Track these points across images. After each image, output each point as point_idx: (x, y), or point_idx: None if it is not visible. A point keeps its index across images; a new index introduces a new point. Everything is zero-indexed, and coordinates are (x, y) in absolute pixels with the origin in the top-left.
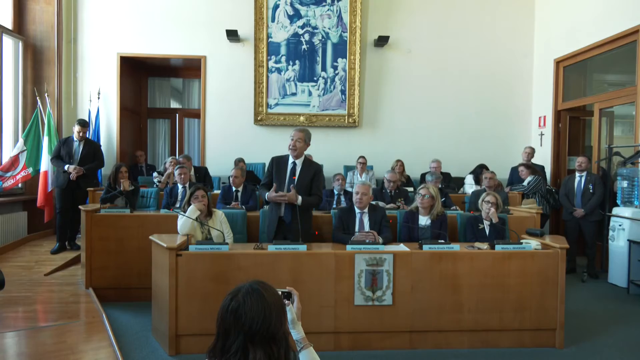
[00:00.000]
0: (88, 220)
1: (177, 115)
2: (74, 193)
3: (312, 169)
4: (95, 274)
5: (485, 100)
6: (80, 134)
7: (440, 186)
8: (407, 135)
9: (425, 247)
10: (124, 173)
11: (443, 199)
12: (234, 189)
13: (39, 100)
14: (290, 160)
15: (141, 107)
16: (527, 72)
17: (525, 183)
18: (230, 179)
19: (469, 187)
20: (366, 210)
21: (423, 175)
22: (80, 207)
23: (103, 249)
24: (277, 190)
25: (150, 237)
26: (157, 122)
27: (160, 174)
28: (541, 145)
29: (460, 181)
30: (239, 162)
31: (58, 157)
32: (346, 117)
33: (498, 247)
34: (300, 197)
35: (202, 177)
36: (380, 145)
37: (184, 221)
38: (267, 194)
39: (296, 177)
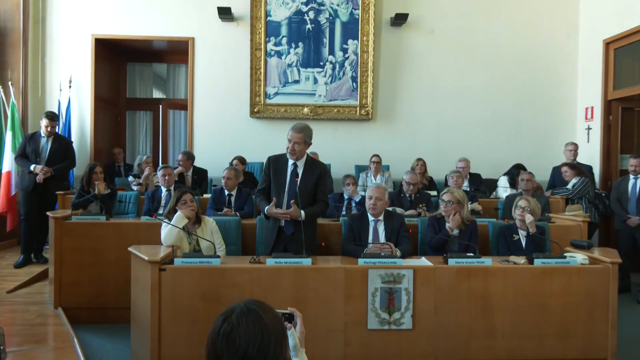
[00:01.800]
0: (57, 228)
1: (161, 106)
2: (41, 197)
3: (316, 170)
4: (66, 291)
5: (522, 88)
6: (49, 129)
7: (469, 188)
8: (429, 129)
9: (451, 261)
10: (98, 174)
11: (471, 202)
12: (226, 192)
13: (1, 90)
14: (290, 161)
15: (119, 98)
16: (571, 56)
17: (569, 186)
18: (223, 180)
19: (503, 190)
20: (381, 217)
21: (448, 177)
22: (48, 213)
23: (75, 262)
24: (277, 204)
25: (130, 249)
26: (138, 114)
27: (136, 176)
28: (588, 142)
29: (492, 184)
30: (236, 160)
31: (23, 156)
32: (358, 108)
33: (537, 262)
34: (303, 212)
35: (199, 181)
36: (397, 142)
37: (169, 230)
38: (266, 208)
39: (298, 180)
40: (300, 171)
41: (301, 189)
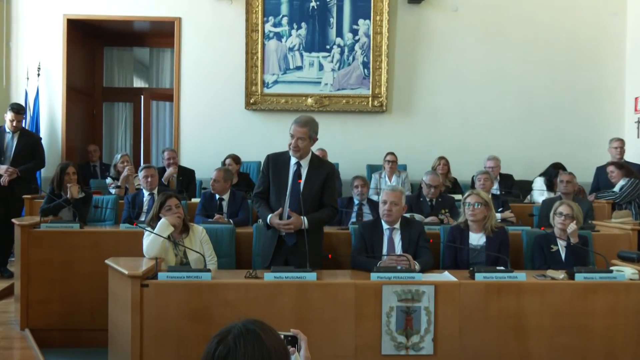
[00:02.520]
0: (24, 237)
1: (143, 97)
2: (6, 202)
3: (323, 171)
4: (34, 310)
5: (560, 76)
6: (14, 124)
7: (499, 191)
8: (453, 123)
9: (479, 276)
10: (71, 175)
11: (501, 209)
12: (217, 196)
13: None
14: (293, 159)
15: (95, 87)
16: (618, 37)
17: (616, 188)
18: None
19: (539, 194)
20: (397, 225)
21: (474, 178)
22: (13, 220)
23: (44, 276)
24: (281, 215)
25: (107, 261)
26: (116, 106)
27: (115, 178)
28: (638, 137)
29: (526, 186)
30: (230, 159)
31: None
32: (370, 99)
33: (579, 277)
34: (306, 220)
35: (186, 183)
36: (416, 138)
37: (152, 240)
38: (269, 217)
39: (302, 181)
40: (304, 172)
41: (305, 192)
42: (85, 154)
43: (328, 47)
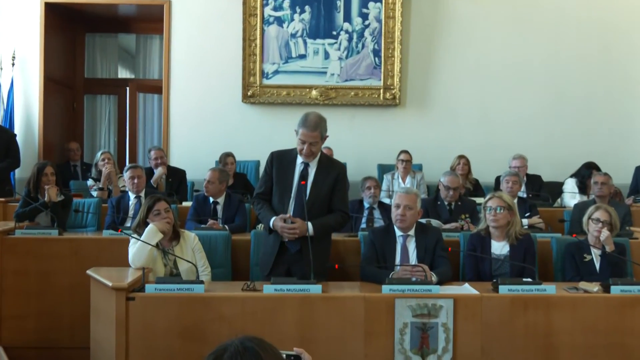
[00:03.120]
0: None
1: (128, 89)
2: None
3: (333, 172)
4: (7, 326)
5: (594, 66)
6: None
7: (526, 194)
8: (474, 118)
9: (503, 289)
10: (49, 176)
11: (528, 214)
12: (211, 200)
13: None
14: (300, 158)
15: (75, 78)
16: None
17: None
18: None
19: (570, 197)
20: (412, 232)
21: (499, 179)
22: None
23: (19, 288)
24: (286, 219)
25: (89, 272)
26: (99, 99)
27: (97, 179)
28: None
29: (556, 189)
30: (225, 159)
31: None
32: (381, 91)
33: (615, 289)
34: (311, 226)
35: (176, 184)
36: (433, 135)
37: (139, 248)
38: (272, 220)
39: (306, 183)
40: (311, 172)
41: (312, 195)
42: (64, 153)
43: (334, 33)
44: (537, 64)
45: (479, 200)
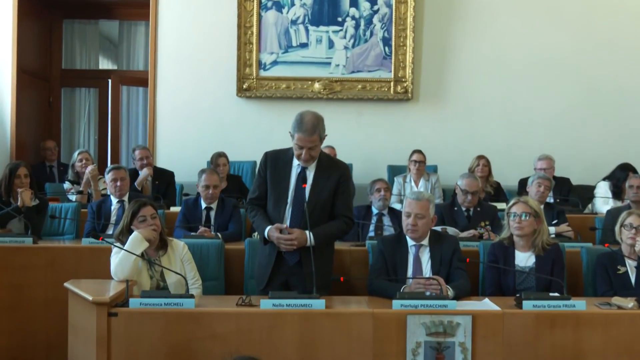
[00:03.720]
0: None
1: (110, 81)
2: None
3: (334, 173)
4: None
5: (627, 58)
6: None
7: (553, 199)
8: (495, 114)
9: (527, 304)
10: (23, 178)
11: (556, 221)
12: (203, 204)
13: None
14: (297, 159)
15: (52, 70)
16: None
17: None
18: (201, 188)
19: (603, 202)
20: (425, 241)
21: (523, 182)
22: None
23: None
24: (278, 222)
25: (66, 285)
26: (78, 93)
27: (74, 182)
28: None
29: (586, 193)
30: (216, 159)
31: None
32: (392, 84)
33: None
34: (311, 235)
35: (164, 187)
36: (449, 132)
37: (122, 258)
38: (267, 229)
39: (307, 186)
40: (310, 174)
41: (312, 200)
42: (39, 152)
43: (340, 19)
44: (565, 55)
45: (500, 205)
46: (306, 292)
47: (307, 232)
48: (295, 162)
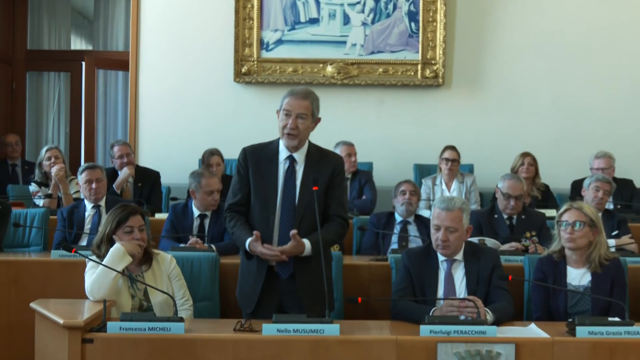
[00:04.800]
0: None
1: (84, 64)
2: None
3: (327, 166)
4: None
5: None
6: None
7: (613, 205)
8: (543, 104)
9: (582, 331)
10: None
11: (617, 232)
12: (195, 212)
13: None
14: (283, 152)
15: (15, 51)
16: None
17: None
18: (202, 195)
19: None
20: (460, 255)
21: (577, 185)
22: None
23: None
24: (267, 230)
25: (33, 305)
26: (46, 78)
27: (41, 184)
28: None
29: None
30: (209, 158)
31: None
32: (419, 67)
33: None
34: (308, 243)
35: (147, 190)
36: (488, 125)
37: (100, 275)
38: (248, 241)
39: (298, 182)
40: (299, 169)
41: (302, 200)
42: (1, 149)
43: None
44: (628, 32)
45: (549, 212)
46: (306, 312)
47: (305, 240)
48: (282, 156)
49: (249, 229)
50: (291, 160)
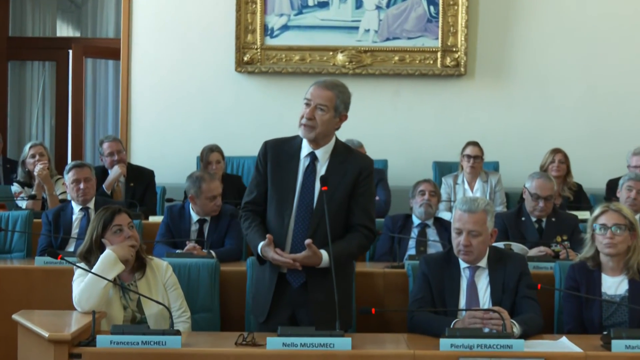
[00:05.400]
0: None
1: (72, 52)
2: None
3: (352, 167)
4: None
5: None
6: None
7: None
8: (576, 96)
9: (618, 345)
10: None
11: None
12: (194, 217)
13: None
14: (305, 148)
15: None
16: None
17: None
18: (203, 201)
19: None
20: (483, 262)
21: (613, 185)
22: None
23: None
24: (281, 234)
25: (15, 317)
26: (29, 67)
27: (25, 184)
28: None
29: None
30: (208, 155)
31: None
32: (439, 54)
33: None
34: (325, 255)
35: (141, 191)
36: (515, 119)
37: (89, 284)
38: (260, 245)
39: (328, 188)
40: (322, 168)
41: (321, 204)
42: None
43: None
44: None
45: (582, 214)
46: (322, 325)
47: (322, 251)
48: (304, 152)
49: (263, 231)
50: (312, 157)
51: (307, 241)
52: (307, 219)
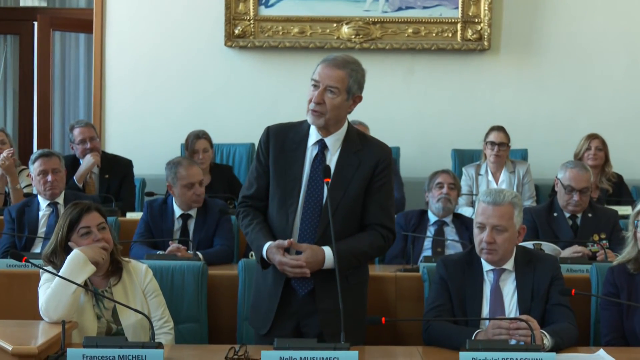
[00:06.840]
0: None
1: (37, 24)
2: None
3: (368, 159)
4: None
5: None
6: None
7: None
8: (616, 74)
9: None
10: None
11: None
12: (177, 211)
13: None
14: (313, 135)
15: None
16: None
17: None
18: (180, 189)
19: None
20: (509, 264)
21: None
22: None
23: None
24: (285, 232)
25: None
26: None
27: None
28: None
29: None
30: (194, 142)
31: None
32: (458, 26)
33: None
34: (328, 252)
35: (117, 184)
36: (546, 100)
37: (56, 289)
38: (265, 247)
39: (330, 180)
40: (332, 157)
41: (334, 198)
42: None
43: None
44: None
45: (622, 209)
46: (329, 338)
47: (324, 248)
48: (311, 140)
49: (267, 230)
50: (321, 145)
51: (289, 241)
52: (316, 216)
